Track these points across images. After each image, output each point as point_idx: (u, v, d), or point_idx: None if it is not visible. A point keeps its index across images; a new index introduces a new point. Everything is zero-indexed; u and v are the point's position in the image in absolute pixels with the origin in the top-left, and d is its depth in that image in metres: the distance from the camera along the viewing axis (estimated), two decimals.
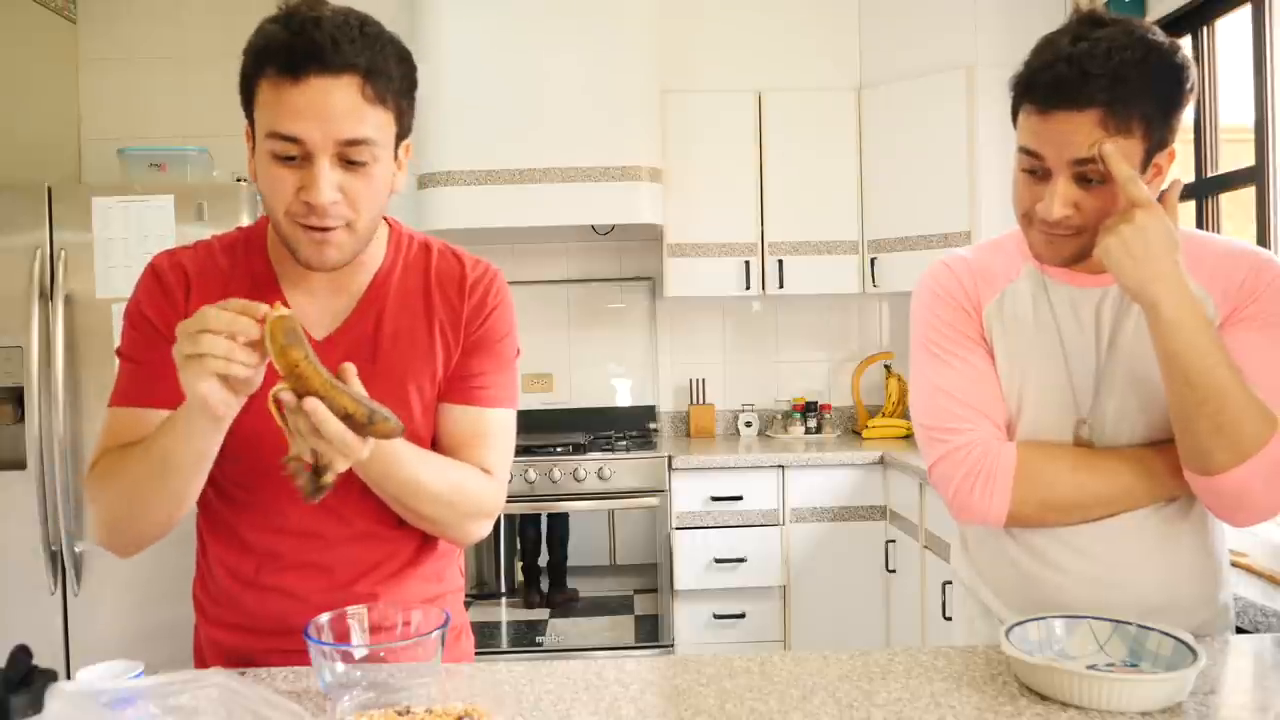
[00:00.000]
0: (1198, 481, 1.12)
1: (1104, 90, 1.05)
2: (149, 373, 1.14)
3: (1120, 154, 1.06)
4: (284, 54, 1.02)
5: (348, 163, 1.06)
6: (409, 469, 1.12)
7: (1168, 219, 1.07)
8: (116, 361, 1.19)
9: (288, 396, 0.93)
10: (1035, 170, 1.13)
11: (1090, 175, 1.09)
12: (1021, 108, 1.13)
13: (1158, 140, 1.09)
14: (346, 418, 0.94)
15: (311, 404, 0.93)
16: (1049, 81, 1.08)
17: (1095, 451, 1.19)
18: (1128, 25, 1.08)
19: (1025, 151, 1.13)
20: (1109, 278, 1.17)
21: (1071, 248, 1.14)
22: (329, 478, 0.97)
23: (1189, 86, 1.09)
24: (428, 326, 1.21)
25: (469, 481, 1.19)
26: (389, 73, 1.07)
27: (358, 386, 0.98)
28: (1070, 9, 2.74)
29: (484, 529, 1.23)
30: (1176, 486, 1.16)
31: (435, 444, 1.22)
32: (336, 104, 1.03)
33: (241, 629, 1.20)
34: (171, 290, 1.17)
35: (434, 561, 1.27)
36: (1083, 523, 1.19)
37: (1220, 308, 1.16)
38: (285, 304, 1.17)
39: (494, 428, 1.23)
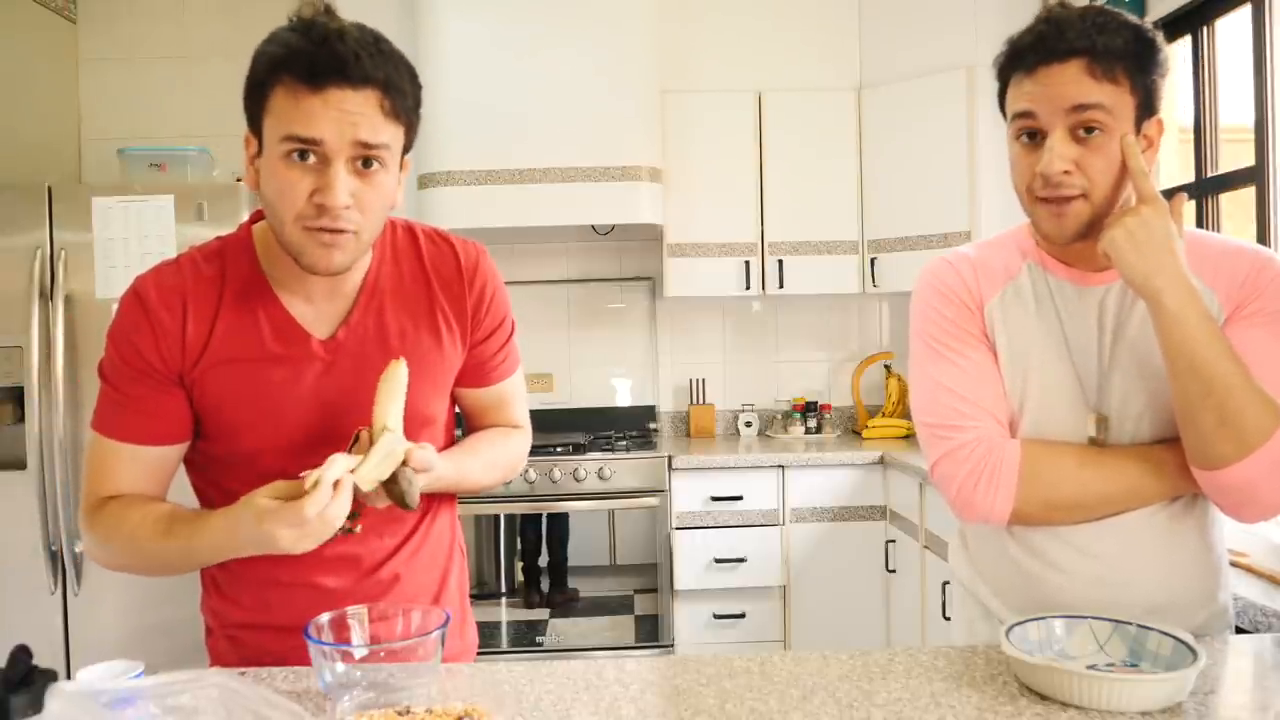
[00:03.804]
0: (1204, 477, 1.11)
1: (1084, 37, 1.09)
2: (136, 408, 1.15)
3: (1135, 148, 1.10)
4: (305, 62, 1.02)
5: (362, 165, 1.07)
6: (473, 478, 1.26)
7: (1170, 217, 1.09)
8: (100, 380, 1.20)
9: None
10: (1030, 132, 1.15)
11: (1086, 124, 1.10)
12: (1011, 79, 1.17)
13: (1144, 99, 1.12)
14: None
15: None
16: (1031, 42, 1.14)
17: (1100, 449, 1.19)
18: (1105, 7, 1.15)
19: (1019, 115, 1.15)
20: (1112, 274, 1.17)
21: (1078, 219, 1.13)
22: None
23: (1162, 57, 1.14)
24: (430, 316, 1.23)
25: (513, 449, 1.36)
26: (404, 90, 1.09)
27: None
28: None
29: (521, 471, 1.42)
30: (1182, 485, 1.15)
31: (460, 413, 1.37)
32: (355, 113, 1.04)
33: (271, 629, 1.20)
34: (161, 321, 1.14)
35: (439, 519, 1.32)
36: (1086, 521, 1.18)
37: (1224, 305, 1.16)
38: (282, 307, 1.17)
39: (514, 391, 1.38)
